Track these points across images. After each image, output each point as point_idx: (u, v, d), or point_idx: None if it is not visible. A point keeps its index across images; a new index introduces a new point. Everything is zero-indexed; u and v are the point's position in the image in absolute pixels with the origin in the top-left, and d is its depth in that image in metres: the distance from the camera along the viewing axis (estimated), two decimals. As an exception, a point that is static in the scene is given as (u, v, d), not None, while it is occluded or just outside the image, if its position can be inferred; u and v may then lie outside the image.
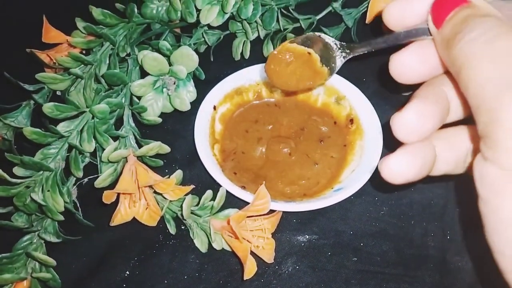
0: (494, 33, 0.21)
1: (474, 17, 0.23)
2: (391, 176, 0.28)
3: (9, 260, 0.46)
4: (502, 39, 0.21)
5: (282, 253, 0.50)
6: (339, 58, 0.39)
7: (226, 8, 0.54)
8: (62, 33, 0.59)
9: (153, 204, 0.49)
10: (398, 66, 0.28)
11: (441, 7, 0.25)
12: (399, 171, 0.27)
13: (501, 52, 0.21)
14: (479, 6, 0.24)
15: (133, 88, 0.52)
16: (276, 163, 0.55)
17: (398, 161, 0.27)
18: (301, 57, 0.41)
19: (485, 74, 0.21)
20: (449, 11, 0.24)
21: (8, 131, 0.55)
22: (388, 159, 0.28)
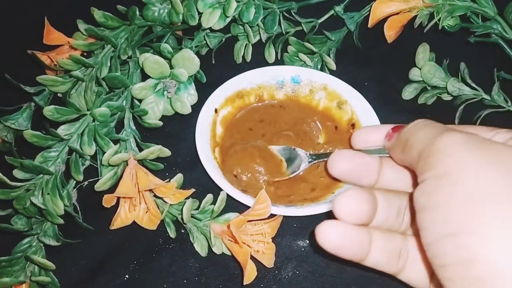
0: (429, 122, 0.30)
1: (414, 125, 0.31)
2: (322, 239, 0.31)
3: (8, 263, 0.46)
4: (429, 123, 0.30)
5: (282, 257, 0.50)
6: (304, 163, 0.52)
7: (228, 11, 0.54)
8: (64, 35, 0.59)
9: (153, 207, 0.49)
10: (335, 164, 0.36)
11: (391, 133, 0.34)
12: (330, 234, 0.31)
13: (433, 124, 0.30)
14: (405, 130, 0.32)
15: (134, 91, 0.52)
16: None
17: (332, 226, 0.31)
18: (275, 161, 0.54)
19: (425, 133, 0.29)
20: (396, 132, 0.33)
21: (8, 133, 0.55)
22: (324, 224, 0.31)
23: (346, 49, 0.65)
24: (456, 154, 0.26)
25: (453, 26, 0.56)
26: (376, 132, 0.36)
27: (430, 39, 0.59)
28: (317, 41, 0.63)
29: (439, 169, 0.26)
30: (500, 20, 0.55)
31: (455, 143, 0.26)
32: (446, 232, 0.25)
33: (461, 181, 0.25)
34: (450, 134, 0.27)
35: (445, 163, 0.26)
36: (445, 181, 0.25)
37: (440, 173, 0.26)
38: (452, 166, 0.25)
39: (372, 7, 0.56)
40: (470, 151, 0.25)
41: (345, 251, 0.32)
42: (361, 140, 0.37)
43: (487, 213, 0.23)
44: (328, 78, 0.59)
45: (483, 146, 0.26)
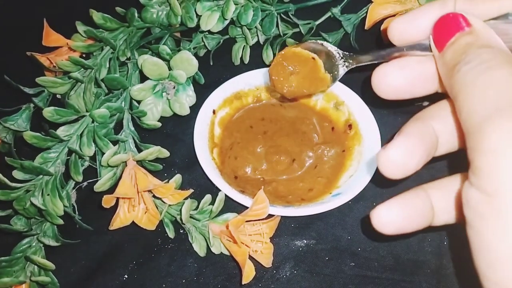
0: (488, 65, 0.22)
1: (473, 47, 0.24)
2: (381, 227, 0.28)
3: (8, 264, 0.46)
4: (493, 71, 0.22)
5: (280, 257, 0.50)
6: (342, 67, 0.39)
7: (226, 14, 0.55)
8: (63, 36, 0.59)
9: (152, 208, 0.49)
10: (381, 78, 0.29)
11: (443, 30, 0.26)
12: (389, 221, 0.28)
13: (491, 82, 0.22)
14: (480, 34, 0.24)
15: (133, 92, 0.52)
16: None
17: (388, 211, 0.28)
18: (306, 62, 0.41)
19: (474, 102, 0.22)
20: (450, 36, 0.25)
21: (7, 134, 0.55)
22: (378, 209, 0.28)
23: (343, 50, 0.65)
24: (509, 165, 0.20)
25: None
26: (419, 21, 0.28)
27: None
28: (315, 43, 0.63)
29: (486, 184, 0.21)
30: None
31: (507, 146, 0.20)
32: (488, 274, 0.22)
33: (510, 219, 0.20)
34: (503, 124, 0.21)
35: (492, 177, 0.21)
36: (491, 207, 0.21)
37: (487, 191, 0.21)
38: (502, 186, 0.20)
39: (369, 9, 0.57)
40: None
41: (408, 228, 0.29)
42: (399, 33, 0.30)
43: None
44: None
45: None
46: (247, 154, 0.55)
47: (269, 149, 0.56)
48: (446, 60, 0.25)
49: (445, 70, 0.25)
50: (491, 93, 0.22)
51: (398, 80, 0.29)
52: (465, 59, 0.23)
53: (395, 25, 0.30)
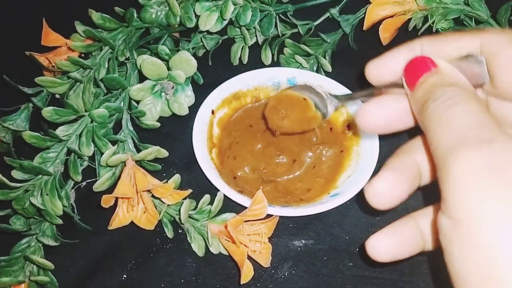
0: (452, 102, 0.24)
1: (439, 86, 0.26)
2: (376, 255, 0.30)
3: (7, 263, 0.47)
4: (457, 107, 0.24)
5: (279, 257, 0.51)
6: (330, 106, 0.42)
7: (225, 14, 0.55)
8: (62, 36, 0.59)
9: (151, 208, 0.49)
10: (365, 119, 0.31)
11: (412, 71, 0.28)
12: (382, 250, 0.30)
13: (454, 117, 0.24)
14: (445, 74, 0.27)
15: (131, 92, 0.52)
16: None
17: (381, 241, 0.30)
18: (298, 102, 0.46)
19: (440, 135, 0.24)
20: (419, 76, 0.27)
21: (6, 134, 0.55)
22: (372, 239, 0.30)
23: (342, 51, 0.65)
24: (471, 193, 0.21)
25: (447, 28, 0.56)
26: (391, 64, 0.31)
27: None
28: (313, 43, 0.64)
29: (452, 211, 0.22)
30: (493, 22, 0.55)
31: (471, 173, 0.21)
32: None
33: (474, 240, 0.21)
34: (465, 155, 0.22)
35: (457, 206, 0.22)
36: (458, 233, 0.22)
37: (454, 217, 0.22)
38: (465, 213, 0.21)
39: (367, 9, 0.57)
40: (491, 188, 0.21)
41: (403, 255, 0.30)
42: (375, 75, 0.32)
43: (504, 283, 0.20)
44: (324, 79, 0.60)
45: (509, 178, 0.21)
46: (245, 154, 0.56)
47: (268, 148, 0.56)
48: (417, 98, 0.27)
49: (417, 107, 0.27)
50: (453, 127, 0.23)
51: (378, 118, 0.31)
52: (432, 97, 0.26)
53: (370, 68, 0.32)
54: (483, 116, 0.24)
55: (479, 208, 0.21)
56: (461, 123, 0.23)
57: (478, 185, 0.21)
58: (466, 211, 0.21)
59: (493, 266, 0.20)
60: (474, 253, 0.21)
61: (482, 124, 0.23)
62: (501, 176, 0.21)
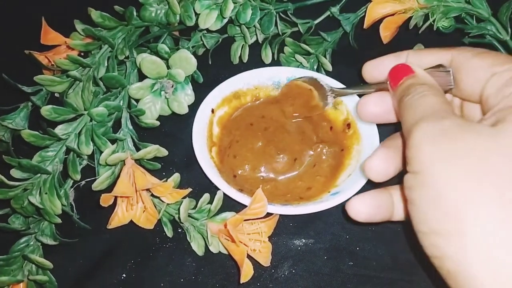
0: (421, 95, 0.32)
1: (413, 85, 0.34)
2: (355, 214, 0.37)
3: (6, 263, 0.46)
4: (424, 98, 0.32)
5: (279, 256, 0.50)
6: (330, 97, 0.51)
7: (224, 13, 0.54)
8: (61, 35, 0.59)
9: (151, 207, 0.49)
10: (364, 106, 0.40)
11: (395, 75, 0.36)
12: (361, 210, 0.37)
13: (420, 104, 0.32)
14: (420, 77, 0.35)
15: (131, 91, 0.52)
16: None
17: (361, 202, 0.38)
18: (305, 92, 0.54)
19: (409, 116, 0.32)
20: (400, 79, 0.35)
21: (5, 132, 0.55)
22: (353, 200, 0.38)
23: (342, 49, 0.65)
24: (425, 150, 0.28)
25: (448, 27, 0.56)
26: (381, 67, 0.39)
27: (425, 40, 0.59)
28: (313, 42, 0.63)
29: (413, 167, 0.29)
30: (494, 21, 0.55)
31: (426, 138, 0.28)
32: (420, 230, 0.29)
33: (428, 182, 0.28)
34: (423, 126, 0.29)
35: (416, 161, 0.29)
36: (417, 181, 0.29)
37: (414, 171, 0.29)
38: (421, 165, 0.28)
39: (368, 8, 0.57)
40: (438, 146, 0.28)
41: (375, 218, 0.38)
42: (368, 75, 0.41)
43: (450, 212, 0.26)
44: (324, 78, 0.59)
45: (454, 137, 0.28)
46: (246, 152, 0.55)
47: (269, 147, 0.56)
48: (397, 95, 0.35)
49: (395, 102, 0.36)
50: (419, 109, 0.31)
51: (376, 109, 0.39)
52: (407, 92, 0.33)
53: (365, 69, 0.41)
54: (442, 104, 0.31)
55: (430, 160, 0.28)
56: (424, 106, 0.31)
57: (431, 145, 0.28)
58: (422, 164, 0.28)
59: (442, 198, 0.27)
60: (428, 192, 0.28)
61: (440, 108, 0.31)
62: (448, 139, 0.28)
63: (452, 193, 0.26)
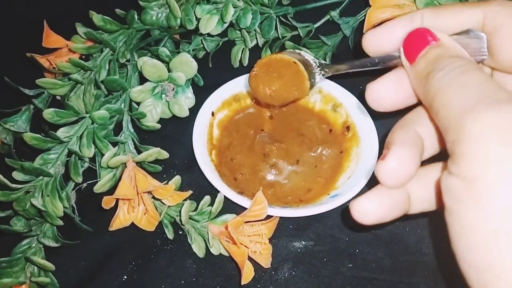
0: (461, 70, 0.24)
1: (444, 57, 0.26)
2: (361, 217, 0.29)
3: (8, 264, 0.47)
4: (467, 74, 0.24)
5: (279, 258, 0.51)
6: (318, 75, 0.41)
7: (225, 17, 0.55)
8: (62, 38, 0.59)
9: (152, 209, 0.49)
10: (374, 94, 0.30)
11: (412, 43, 0.28)
12: (369, 211, 0.29)
13: (466, 82, 0.24)
14: (448, 46, 0.27)
15: (132, 94, 0.52)
16: None
17: (368, 202, 0.29)
18: (289, 66, 0.42)
19: (453, 100, 0.23)
20: (421, 49, 0.27)
21: (7, 135, 0.56)
22: (358, 200, 0.29)
23: (342, 53, 0.65)
24: (491, 149, 0.21)
25: (446, 31, 0.57)
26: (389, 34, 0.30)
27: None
28: (313, 46, 0.64)
29: (468, 172, 0.22)
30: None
31: (491, 131, 0.21)
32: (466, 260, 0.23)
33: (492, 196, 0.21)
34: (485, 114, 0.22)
35: (474, 165, 0.22)
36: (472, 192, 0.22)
37: (467, 176, 0.22)
38: (484, 170, 0.21)
39: (367, 12, 0.57)
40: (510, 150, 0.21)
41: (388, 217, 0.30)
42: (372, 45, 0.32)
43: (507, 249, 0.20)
44: (323, 81, 0.60)
45: None
46: (243, 156, 0.56)
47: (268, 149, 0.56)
48: (419, 70, 0.27)
49: (418, 80, 0.27)
50: (469, 89, 0.23)
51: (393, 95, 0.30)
52: (438, 67, 0.25)
53: (368, 37, 0.31)
54: (492, 82, 0.24)
55: (497, 166, 0.20)
56: (476, 86, 0.23)
57: (497, 142, 0.21)
58: (483, 168, 0.21)
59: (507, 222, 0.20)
60: (484, 211, 0.21)
61: (496, 87, 0.23)
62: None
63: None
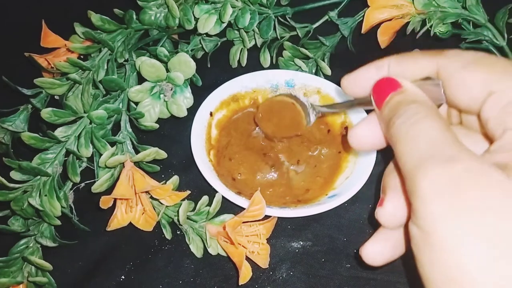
0: (415, 119, 0.27)
1: (402, 104, 0.28)
2: (371, 261, 0.32)
3: (6, 264, 0.47)
4: (421, 124, 0.26)
5: (277, 258, 0.51)
6: (312, 114, 0.45)
7: (223, 17, 0.55)
8: (61, 37, 0.59)
9: (150, 209, 0.49)
10: (354, 138, 0.33)
11: (380, 90, 0.30)
12: (376, 253, 0.32)
13: (419, 134, 0.26)
14: (410, 92, 0.29)
15: (130, 94, 0.52)
16: None
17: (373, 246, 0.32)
18: (288, 107, 0.48)
19: (407, 152, 0.26)
20: (386, 95, 0.29)
21: (5, 135, 0.56)
22: (365, 247, 0.32)
23: (340, 53, 0.65)
24: (434, 208, 0.23)
25: (445, 32, 0.57)
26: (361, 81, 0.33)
27: (422, 45, 0.59)
28: (312, 46, 0.64)
29: (419, 222, 0.24)
30: (491, 27, 0.56)
31: (434, 191, 0.23)
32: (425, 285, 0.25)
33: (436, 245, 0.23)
34: (430, 173, 0.24)
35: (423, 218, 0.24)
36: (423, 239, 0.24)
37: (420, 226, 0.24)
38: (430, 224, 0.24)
39: (366, 13, 0.57)
40: (450, 205, 0.23)
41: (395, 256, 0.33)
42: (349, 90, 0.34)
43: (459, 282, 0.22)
44: (322, 82, 0.60)
45: (467, 191, 0.23)
46: (245, 153, 0.56)
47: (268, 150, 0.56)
48: (383, 116, 0.29)
49: (384, 124, 0.30)
50: (419, 144, 0.25)
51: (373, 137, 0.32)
52: (396, 114, 0.28)
53: (343, 82, 0.34)
54: (444, 133, 0.25)
55: (442, 223, 0.23)
56: (425, 140, 0.25)
57: (441, 201, 0.23)
58: (432, 224, 0.23)
59: (455, 270, 0.22)
60: (439, 260, 0.23)
61: (444, 141, 0.25)
62: (461, 193, 0.23)
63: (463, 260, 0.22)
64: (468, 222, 0.22)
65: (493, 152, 0.26)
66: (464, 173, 0.23)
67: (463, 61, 0.29)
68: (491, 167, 0.24)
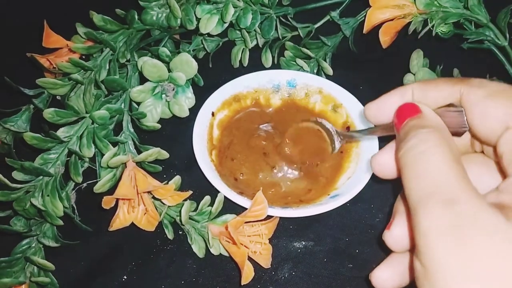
0: (425, 147, 0.26)
1: (414, 128, 0.28)
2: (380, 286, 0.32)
3: (8, 264, 0.47)
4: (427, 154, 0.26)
5: (279, 259, 0.51)
6: (337, 141, 0.48)
7: (225, 17, 0.55)
8: (63, 38, 0.59)
9: (152, 209, 0.49)
10: (376, 165, 0.33)
11: (400, 115, 0.30)
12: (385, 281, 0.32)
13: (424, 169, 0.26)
14: (425, 117, 0.29)
15: (132, 94, 0.52)
16: None
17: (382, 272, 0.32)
18: (314, 133, 0.51)
19: (411, 185, 0.26)
20: (404, 120, 0.30)
21: (7, 135, 0.56)
22: (375, 272, 0.33)
23: (342, 53, 0.65)
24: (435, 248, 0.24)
25: (447, 32, 0.57)
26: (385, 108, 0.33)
27: (424, 45, 0.60)
28: (313, 46, 0.64)
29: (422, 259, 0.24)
30: (493, 27, 0.56)
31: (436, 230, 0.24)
32: None
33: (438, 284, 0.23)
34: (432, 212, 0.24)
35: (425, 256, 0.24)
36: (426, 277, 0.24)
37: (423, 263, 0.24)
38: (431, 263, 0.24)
39: (367, 13, 0.57)
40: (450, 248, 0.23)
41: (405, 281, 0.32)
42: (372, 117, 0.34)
43: None
44: (323, 82, 0.60)
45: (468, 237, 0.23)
46: (246, 152, 0.56)
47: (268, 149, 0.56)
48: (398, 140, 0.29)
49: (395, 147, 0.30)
50: (422, 180, 0.25)
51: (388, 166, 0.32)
52: (407, 138, 0.28)
53: (367, 110, 0.34)
54: (450, 168, 0.25)
55: (442, 264, 0.23)
56: (429, 176, 0.25)
57: (442, 243, 0.23)
58: (433, 264, 0.23)
59: None
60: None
61: (448, 178, 0.25)
62: (460, 238, 0.23)
63: None
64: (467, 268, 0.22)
65: (501, 190, 0.26)
66: (462, 216, 0.23)
67: (486, 91, 0.28)
68: (488, 209, 0.23)
